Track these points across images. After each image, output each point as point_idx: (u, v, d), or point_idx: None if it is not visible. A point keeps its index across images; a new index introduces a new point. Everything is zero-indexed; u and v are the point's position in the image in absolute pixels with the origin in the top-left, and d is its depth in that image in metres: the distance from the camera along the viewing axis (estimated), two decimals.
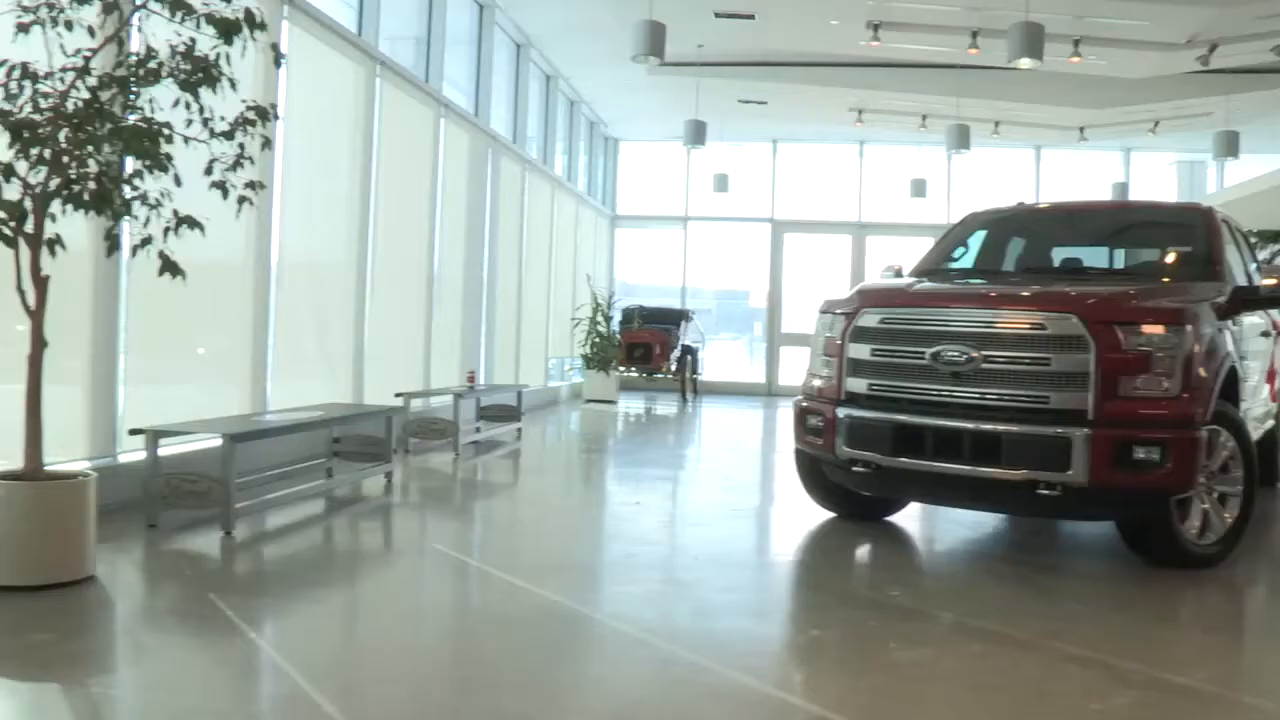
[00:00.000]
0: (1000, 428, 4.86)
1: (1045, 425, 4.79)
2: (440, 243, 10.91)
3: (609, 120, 18.71)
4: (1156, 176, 19.39)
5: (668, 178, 19.77)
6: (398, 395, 8.72)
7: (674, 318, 17.51)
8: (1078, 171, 18.98)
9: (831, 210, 19.32)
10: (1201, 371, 4.95)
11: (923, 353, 5.09)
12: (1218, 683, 3.43)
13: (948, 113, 14.42)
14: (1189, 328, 4.90)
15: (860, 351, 5.36)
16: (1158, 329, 4.84)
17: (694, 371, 17.67)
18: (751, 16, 11.65)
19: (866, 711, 3.07)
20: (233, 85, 4.51)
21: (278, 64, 4.60)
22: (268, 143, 4.68)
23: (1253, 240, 16.64)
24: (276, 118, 4.67)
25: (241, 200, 4.64)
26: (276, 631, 3.81)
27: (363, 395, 9.02)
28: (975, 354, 4.94)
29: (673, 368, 16.89)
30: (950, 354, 4.99)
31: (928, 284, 5.81)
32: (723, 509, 6.86)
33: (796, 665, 3.53)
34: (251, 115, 4.51)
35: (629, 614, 4.04)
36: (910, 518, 6.26)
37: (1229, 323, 5.56)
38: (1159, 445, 4.72)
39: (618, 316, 17.19)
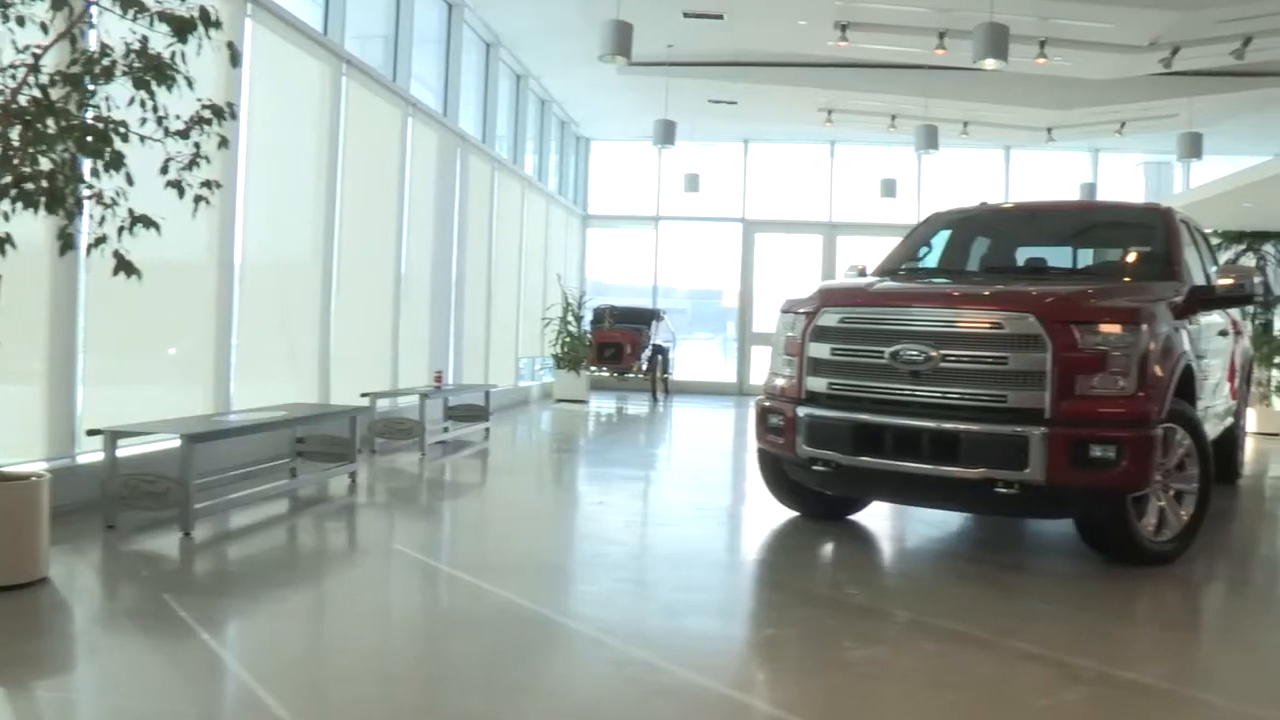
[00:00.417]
0: (958, 427, 4.89)
1: (1003, 424, 4.82)
2: (407, 242, 10.87)
3: (580, 120, 18.69)
4: (1124, 177, 19.54)
5: (639, 177, 19.77)
6: (363, 395, 8.70)
7: (645, 317, 17.52)
8: (1046, 172, 19.11)
9: (803, 210, 19.38)
10: (1157, 370, 4.99)
11: (882, 352, 5.11)
12: (1167, 679, 3.46)
13: (916, 113, 14.49)
14: (1145, 327, 4.95)
15: (820, 351, 5.38)
16: (1114, 328, 4.88)
17: (665, 371, 17.68)
18: (720, 16, 11.67)
19: (819, 710, 3.09)
20: (189, 84, 4.47)
21: (234, 63, 4.55)
22: (224, 142, 4.63)
23: (1217, 241, 16.88)
24: (234, 117, 4.62)
25: (198, 200, 4.61)
26: (231, 633, 3.78)
27: (329, 395, 8.99)
28: (934, 353, 4.96)
29: (643, 367, 16.89)
30: (909, 353, 5.02)
31: (887, 283, 5.84)
32: (687, 508, 6.87)
33: (751, 664, 3.53)
34: (207, 114, 4.47)
35: (587, 614, 4.04)
36: (873, 516, 6.28)
37: (1186, 322, 5.61)
38: (1115, 444, 4.76)
39: (589, 316, 17.19)
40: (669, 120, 13.86)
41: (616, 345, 16.37)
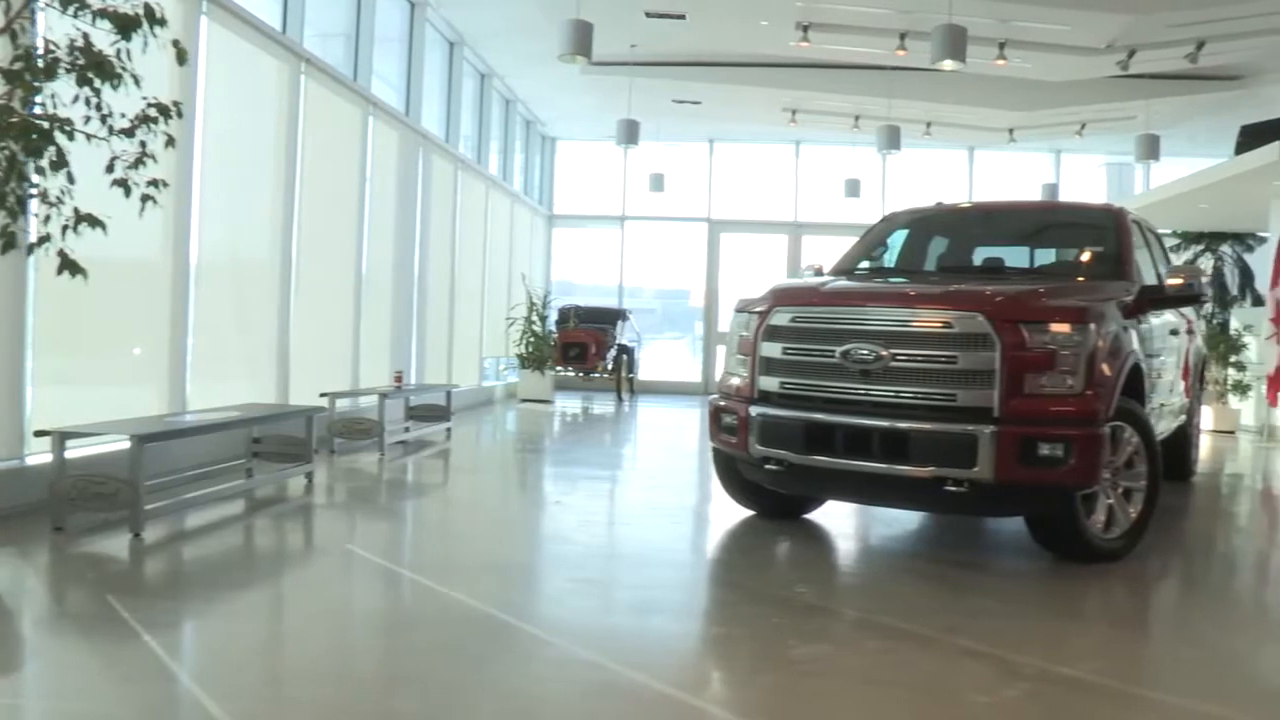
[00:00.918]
0: (908, 425, 4.91)
1: (952, 423, 4.85)
2: (368, 242, 10.83)
3: (546, 119, 18.67)
4: (1087, 178, 19.73)
5: (605, 177, 19.77)
6: (323, 395, 8.65)
7: (610, 317, 17.52)
8: (1010, 172, 19.27)
9: (768, 210, 19.44)
10: (1105, 369, 5.04)
11: (833, 351, 5.13)
12: (1106, 674, 3.49)
13: (880, 113, 14.56)
14: (1093, 326, 4.99)
15: (772, 350, 5.39)
16: (1062, 327, 4.91)
17: (630, 371, 17.69)
18: (682, 16, 11.68)
19: (757, 708, 3.10)
20: (136, 81, 4.44)
21: (181, 61, 4.51)
22: (171, 141, 4.61)
23: (1176, 242, 17.05)
24: (180, 116, 4.59)
25: (145, 199, 4.58)
26: (174, 635, 3.75)
27: (288, 395, 8.93)
28: (884, 352, 4.99)
29: (608, 367, 16.89)
30: (860, 352, 5.04)
31: (839, 283, 5.85)
32: (645, 508, 6.87)
33: (694, 662, 3.54)
34: (153, 113, 4.44)
35: (535, 613, 4.04)
36: (829, 515, 6.30)
37: (1135, 321, 5.66)
38: (1063, 442, 4.79)
39: (554, 316, 17.17)
40: (632, 120, 13.87)
41: (581, 345, 16.36)
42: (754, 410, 5.40)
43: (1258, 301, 15.01)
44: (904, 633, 3.88)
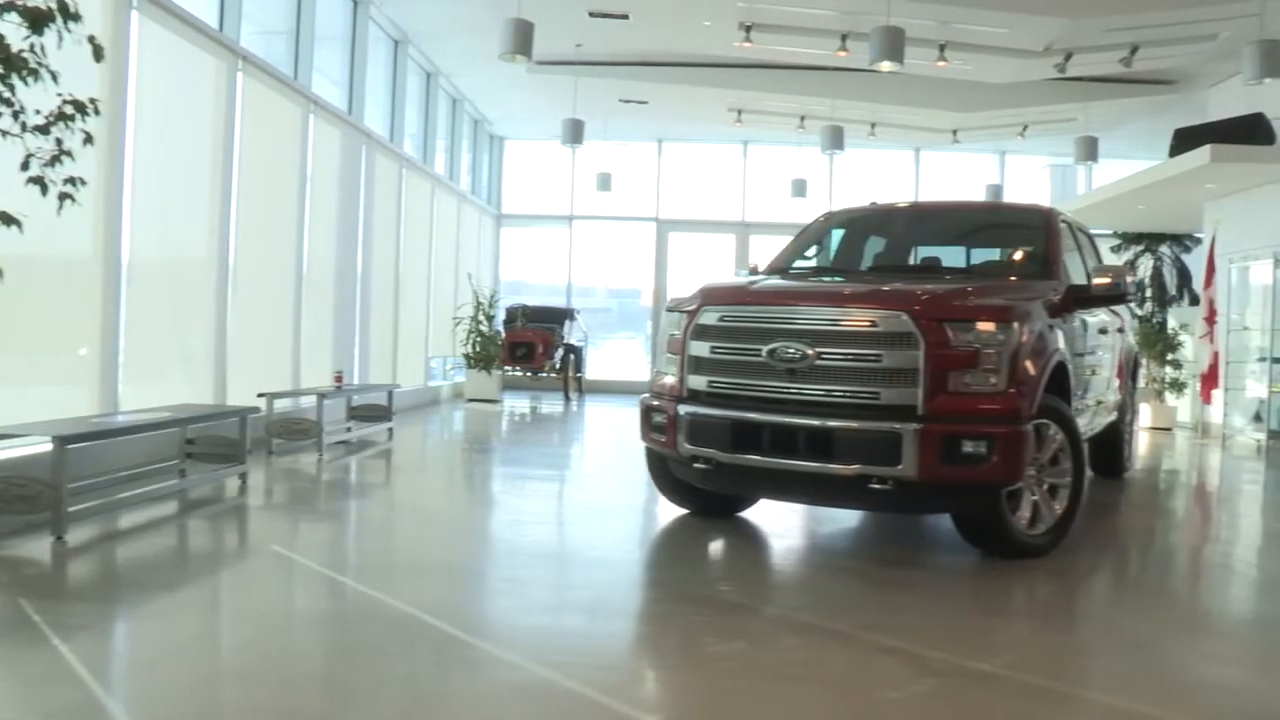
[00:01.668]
0: (833, 424, 4.95)
1: (877, 421, 4.89)
2: (310, 241, 10.73)
3: (493, 119, 18.60)
4: (1031, 179, 19.96)
5: (554, 176, 19.73)
6: (260, 395, 8.57)
7: (558, 317, 17.50)
8: (956, 173, 19.45)
9: (716, 209, 19.51)
10: (1029, 367, 5.09)
11: (759, 350, 5.16)
12: (1015, 667, 3.53)
13: (825, 114, 14.65)
14: (1016, 325, 5.04)
15: (701, 349, 5.41)
16: (985, 326, 4.96)
17: (578, 370, 17.68)
18: (625, 16, 11.69)
19: (665, 706, 3.11)
20: (54, 77, 4.38)
21: (98, 58, 4.44)
22: (89, 138, 4.54)
23: (1117, 242, 17.30)
24: (96, 113, 4.52)
25: (63, 197, 4.51)
26: (85, 638, 3.68)
27: (225, 396, 8.84)
28: (810, 351, 5.02)
29: (556, 366, 16.87)
30: (786, 351, 5.07)
31: (767, 282, 5.88)
32: (579, 506, 6.87)
33: (608, 661, 3.53)
34: (69, 110, 4.38)
35: (453, 613, 4.01)
36: (762, 514, 6.33)
37: (1060, 320, 5.73)
38: (986, 439, 4.84)
39: (502, 315, 17.13)
40: (577, 119, 13.87)
41: (528, 344, 16.33)
42: (683, 409, 5.41)
43: (1195, 301, 15.26)
44: (821, 630, 3.91)
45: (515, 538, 5.82)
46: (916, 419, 4.84)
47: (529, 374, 16.91)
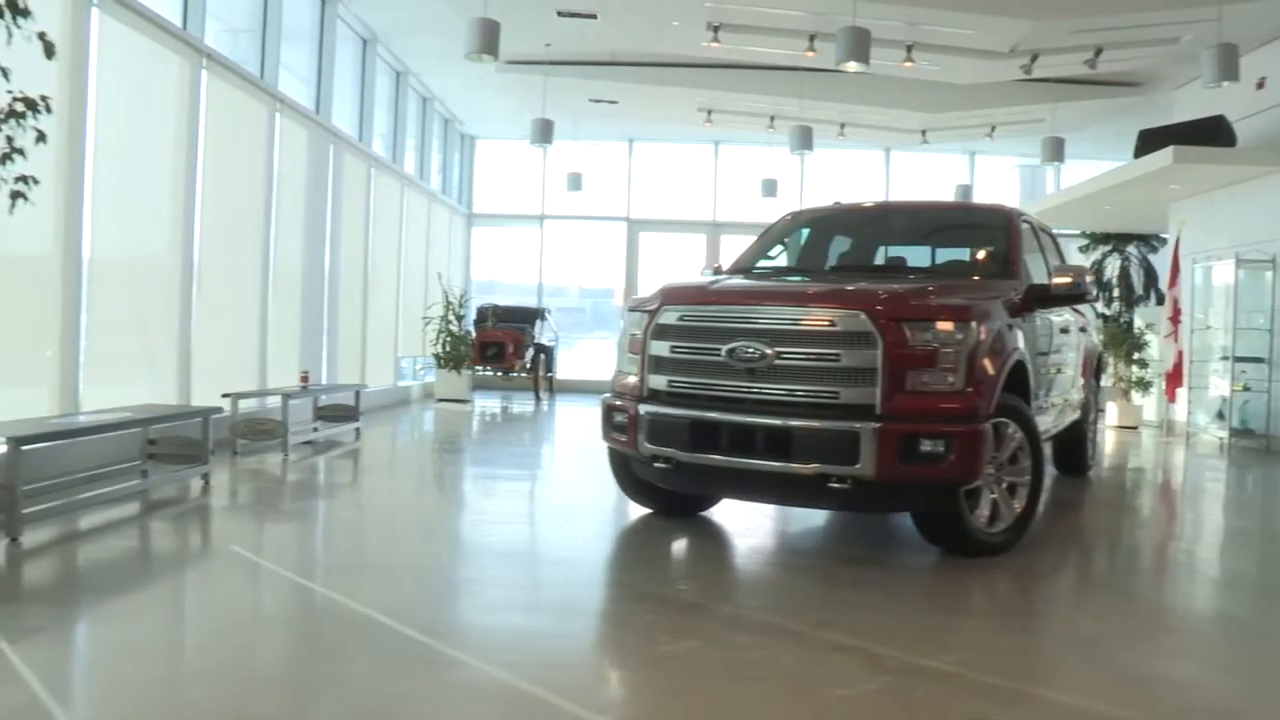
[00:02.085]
0: (792, 423, 4.96)
1: (835, 420, 4.90)
2: (276, 240, 10.68)
3: (464, 118, 18.56)
4: (1000, 179, 20.08)
5: (526, 176, 19.70)
6: (224, 395, 8.53)
7: (529, 316, 17.48)
8: (926, 174, 19.55)
9: (687, 209, 19.53)
10: (987, 366, 5.12)
11: (719, 349, 5.16)
12: (967, 665, 3.54)
13: (794, 114, 14.68)
14: (974, 324, 5.08)
15: (661, 349, 5.42)
16: (943, 326, 4.99)
17: (548, 370, 17.66)
18: (594, 16, 11.68)
19: (613, 705, 3.11)
20: (4, 74, 4.34)
21: (49, 55, 4.41)
22: (42, 136, 4.50)
23: (1085, 242, 17.44)
24: (48, 110, 4.49)
25: (15, 196, 4.47)
26: (36, 641, 3.65)
27: (189, 396, 8.78)
28: (769, 350, 5.03)
29: (527, 366, 16.84)
30: (745, 351, 5.08)
31: (728, 282, 5.89)
32: (543, 506, 6.87)
33: (560, 661, 3.52)
34: (20, 107, 4.34)
35: (411, 614, 3.99)
36: (725, 513, 6.35)
37: (1020, 320, 5.77)
38: (944, 438, 4.87)
39: (472, 315, 17.09)
40: (547, 119, 13.85)
41: (499, 344, 16.30)
42: (643, 409, 5.42)
43: (1161, 301, 15.41)
44: (776, 628, 3.92)
45: (479, 538, 5.81)
46: (875, 418, 4.85)
47: (500, 374, 16.88)
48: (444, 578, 4.77)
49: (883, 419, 4.85)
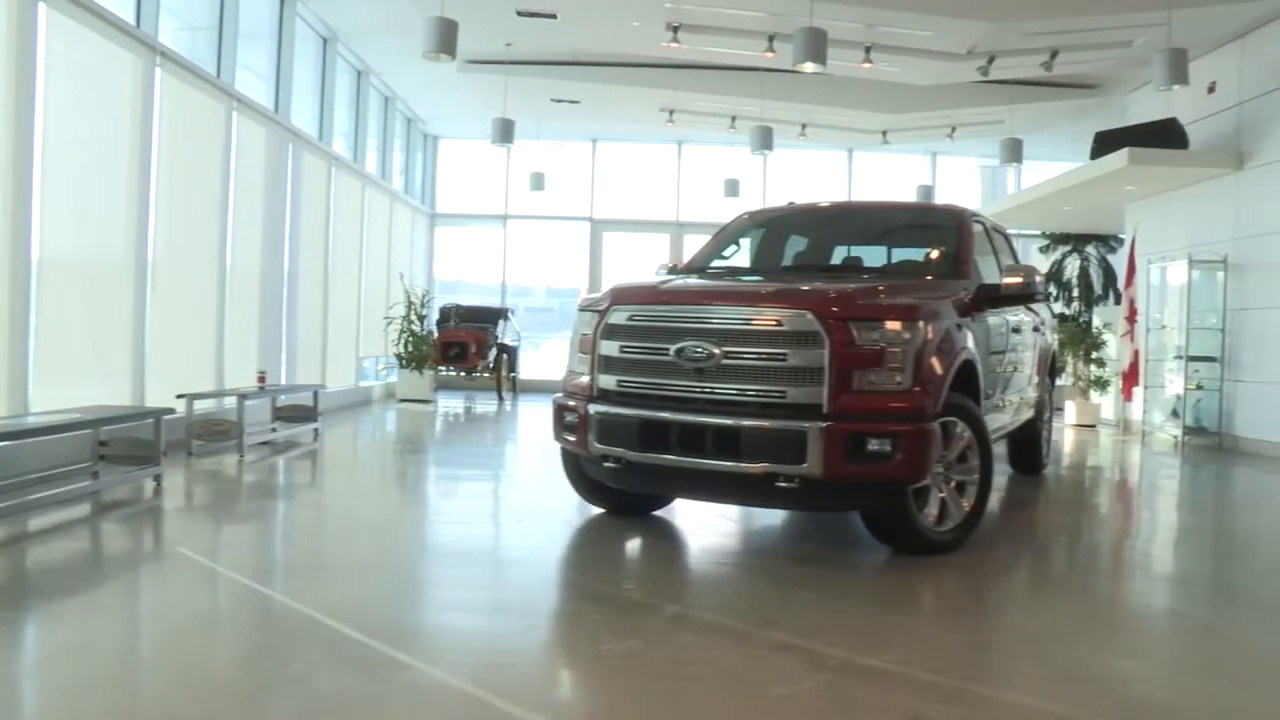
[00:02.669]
0: (740, 422, 4.97)
1: (783, 420, 4.92)
2: (234, 239, 10.60)
3: (427, 118, 18.49)
4: (962, 180, 20.24)
5: (490, 175, 19.66)
6: (179, 396, 8.47)
7: (491, 316, 17.45)
8: (888, 174, 19.66)
9: (651, 209, 19.56)
10: (935, 366, 5.15)
11: (667, 349, 5.17)
12: (909, 663, 3.56)
13: (756, 114, 14.73)
14: (921, 324, 5.10)
15: (610, 348, 5.42)
16: (891, 325, 5.01)
17: (511, 370, 17.63)
18: (554, 16, 11.67)
19: (550, 705, 3.11)
20: None
21: None
22: None
23: (1045, 242, 17.61)
24: None
25: None
26: None
27: (144, 397, 8.71)
28: (717, 350, 5.04)
29: (490, 366, 16.81)
30: (693, 350, 5.09)
31: (677, 282, 5.90)
32: (497, 505, 6.86)
33: (500, 661, 3.52)
34: None
35: (355, 614, 3.97)
36: (679, 512, 6.36)
37: (970, 319, 5.81)
38: (890, 437, 4.89)
39: (435, 315, 17.04)
40: (508, 119, 13.83)
41: (461, 344, 16.26)
42: (593, 408, 5.42)
43: (1120, 301, 15.56)
44: (719, 627, 3.93)
45: (432, 538, 5.80)
46: (822, 417, 4.87)
47: (462, 374, 16.84)
48: (393, 578, 4.75)
49: (829, 418, 4.87)
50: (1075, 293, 17.90)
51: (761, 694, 3.23)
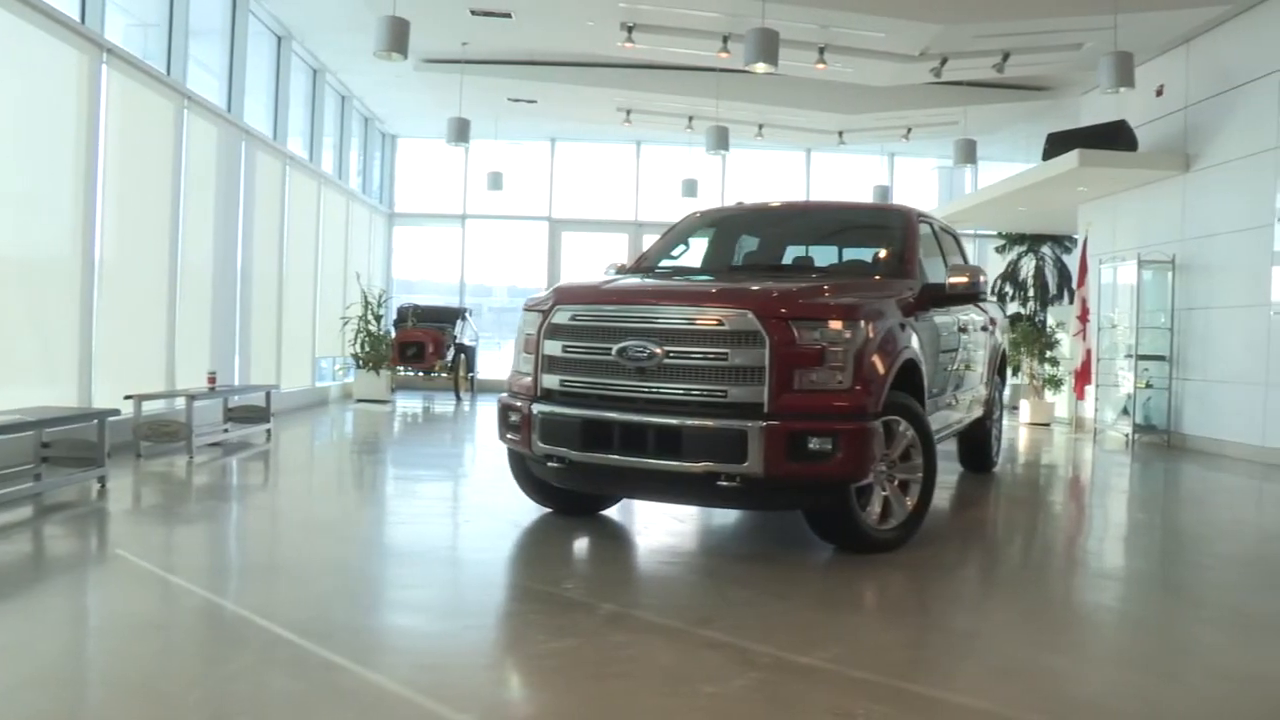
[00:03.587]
0: (681, 422, 4.98)
1: (724, 419, 4.93)
2: (185, 239, 10.50)
3: (384, 117, 18.40)
4: (919, 180, 20.39)
5: (449, 175, 19.60)
6: (127, 397, 8.39)
7: (449, 316, 17.40)
8: (847, 174, 19.77)
9: (609, 209, 19.57)
10: (876, 364, 5.18)
11: (609, 349, 5.18)
12: (838, 661, 3.58)
13: (712, 114, 14.77)
14: (862, 323, 5.13)
15: (554, 348, 5.42)
16: (830, 324, 5.04)
17: (469, 370, 17.59)
18: (508, 15, 11.64)
19: (478, 704, 3.10)
20: None
21: None
22: None
23: (1001, 242, 17.76)
24: None
25: None
26: None
27: (91, 398, 8.61)
28: (658, 350, 5.05)
29: (447, 366, 16.76)
30: (635, 350, 5.10)
31: (620, 281, 5.91)
32: (444, 505, 6.84)
33: (433, 661, 3.51)
34: None
35: (290, 615, 3.95)
36: (626, 512, 6.37)
37: (914, 318, 5.85)
38: (831, 436, 4.91)
39: (392, 315, 16.97)
40: (463, 118, 13.79)
41: (419, 344, 16.20)
42: (536, 408, 5.42)
43: (1074, 300, 15.75)
44: (654, 626, 3.94)
45: (378, 539, 5.78)
46: (762, 416, 4.89)
47: (420, 374, 16.79)
48: (334, 579, 4.72)
49: (770, 417, 4.89)
50: (1031, 292, 18.08)
51: (691, 691, 3.24)
